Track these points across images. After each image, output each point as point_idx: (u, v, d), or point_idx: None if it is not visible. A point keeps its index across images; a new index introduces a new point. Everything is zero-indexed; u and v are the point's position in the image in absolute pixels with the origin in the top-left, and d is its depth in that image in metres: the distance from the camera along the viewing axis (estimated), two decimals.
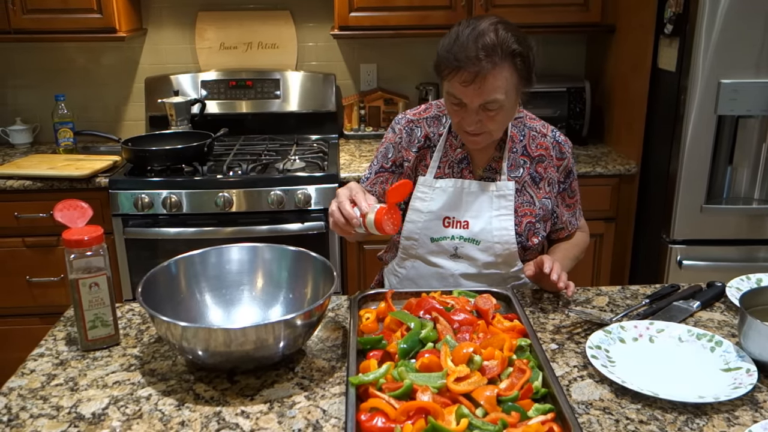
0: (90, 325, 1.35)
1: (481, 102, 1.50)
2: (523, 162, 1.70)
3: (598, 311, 1.52)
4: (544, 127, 1.74)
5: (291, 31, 3.22)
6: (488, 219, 1.66)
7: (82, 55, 3.20)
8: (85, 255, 1.31)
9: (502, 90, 1.49)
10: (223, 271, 1.46)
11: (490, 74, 1.47)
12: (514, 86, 1.52)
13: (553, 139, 1.72)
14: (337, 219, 1.42)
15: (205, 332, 1.20)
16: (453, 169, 1.70)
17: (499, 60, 1.47)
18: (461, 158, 1.70)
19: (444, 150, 1.71)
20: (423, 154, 1.72)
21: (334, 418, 1.14)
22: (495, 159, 1.70)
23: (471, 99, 1.51)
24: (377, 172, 1.78)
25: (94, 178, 2.62)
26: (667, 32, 2.52)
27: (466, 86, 1.49)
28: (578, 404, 1.18)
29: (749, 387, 1.18)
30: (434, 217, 1.68)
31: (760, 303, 1.37)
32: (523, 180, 1.69)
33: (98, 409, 1.17)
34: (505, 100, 1.51)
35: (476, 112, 1.53)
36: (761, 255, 2.59)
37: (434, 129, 1.72)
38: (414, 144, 1.73)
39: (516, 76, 1.51)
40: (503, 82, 1.49)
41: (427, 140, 1.72)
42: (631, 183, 2.79)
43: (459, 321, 1.33)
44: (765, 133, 2.49)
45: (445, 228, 1.68)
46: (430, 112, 1.75)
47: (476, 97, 1.50)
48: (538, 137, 1.72)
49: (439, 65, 1.54)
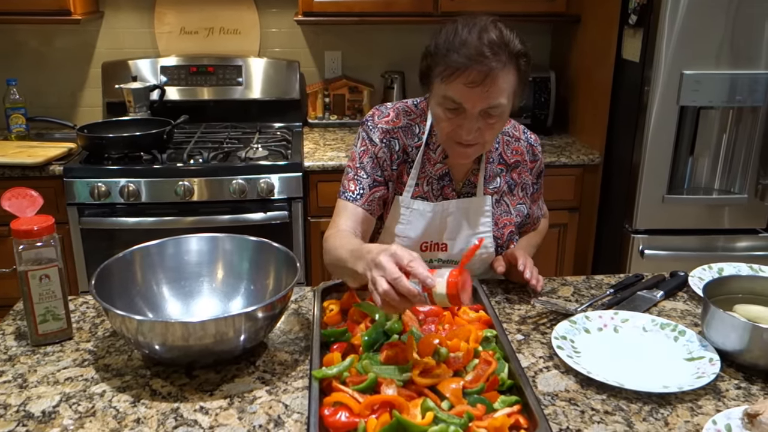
0: (40, 319, 1.29)
1: (485, 106, 1.36)
2: (500, 171, 1.62)
3: (563, 301, 1.52)
4: (515, 129, 1.67)
5: (254, 16, 3.15)
6: (466, 238, 1.59)
7: (35, 38, 3.08)
8: (35, 246, 1.26)
9: (506, 93, 1.38)
10: (181, 262, 1.42)
11: (500, 75, 1.34)
12: (515, 90, 1.40)
13: (526, 143, 1.66)
14: (393, 299, 1.07)
15: (161, 326, 1.15)
16: (432, 186, 1.58)
17: (506, 59, 1.35)
18: (442, 174, 1.58)
19: (422, 165, 1.57)
20: (400, 171, 1.58)
21: (296, 413, 1.11)
22: (473, 172, 1.60)
23: (474, 103, 1.36)
24: (372, 186, 1.55)
25: (48, 165, 2.54)
26: (631, 23, 2.53)
27: (472, 88, 1.34)
28: (544, 395, 1.17)
29: (712, 376, 1.18)
30: (411, 242, 1.57)
31: (723, 292, 1.37)
32: (501, 190, 1.63)
33: (49, 407, 1.12)
34: (507, 105, 1.40)
35: (476, 119, 1.38)
36: (720, 244, 2.63)
37: (410, 141, 1.57)
38: (394, 160, 1.56)
39: (518, 79, 1.39)
40: (508, 84, 1.37)
41: (405, 154, 1.57)
42: (595, 173, 2.81)
43: (425, 312, 1.31)
44: (725, 124, 2.53)
45: (422, 252, 1.59)
46: (401, 122, 1.58)
47: (480, 100, 1.36)
48: (512, 142, 1.64)
49: (435, 67, 1.40)
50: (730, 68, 2.39)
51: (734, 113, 2.50)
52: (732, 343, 1.23)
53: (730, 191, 2.58)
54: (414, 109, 1.61)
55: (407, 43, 3.23)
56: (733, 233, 2.63)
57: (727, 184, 2.59)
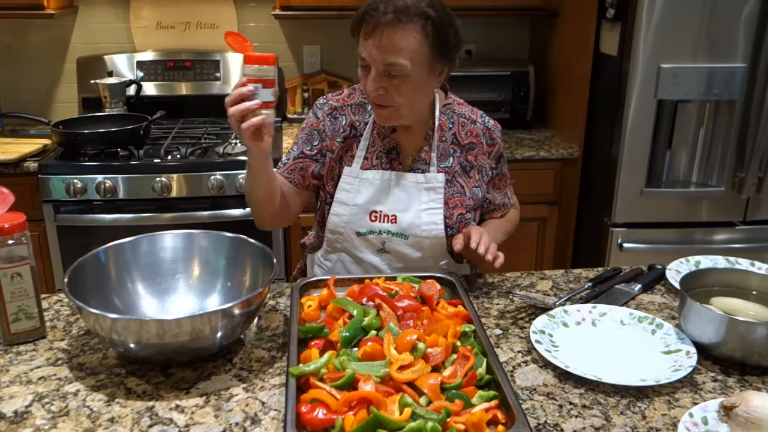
0: (12, 318, 1.27)
1: (384, 62, 1.43)
2: (453, 151, 1.64)
3: (542, 295, 1.52)
4: (473, 112, 1.69)
5: (231, 10, 3.12)
6: (417, 213, 1.60)
7: (8, 33, 3.03)
8: (6, 244, 1.23)
9: (406, 54, 1.43)
10: (156, 259, 1.40)
11: (395, 31, 1.41)
12: (424, 56, 1.45)
13: (483, 126, 1.67)
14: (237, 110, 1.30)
15: (136, 324, 1.14)
16: (381, 159, 1.62)
17: (405, 19, 1.41)
18: (390, 148, 1.62)
19: (371, 139, 1.63)
20: (348, 144, 1.63)
21: (273, 410, 1.10)
22: (424, 149, 1.63)
23: (374, 57, 1.44)
24: (296, 157, 1.66)
25: (23, 162, 2.50)
26: (609, 17, 2.54)
27: (366, 39, 1.44)
28: (522, 390, 1.17)
29: (689, 369, 1.19)
30: (360, 210, 1.60)
31: (699, 285, 1.38)
32: (453, 170, 1.63)
33: (21, 407, 1.10)
34: (411, 68, 1.44)
35: (380, 77, 1.46)
36: (698, 237, 2.65)
37: (359, 117, 1.64)
38: (339, 133, 1.64)
39: (426, 45, 1.44)
40: (408, 44, 1.42)
41: (353, 129, 1.64)
42: (574, 167, 2.81)
43: (403, 308, 1.30)
44: (702, 118, 2.54)
45: (372, 222, 1.60)
46: (354, 98, 1.66)
47: (377, 55, 1.43)
48: (468, 124, 1.66)
49: (356, 22, 1.48)
50: (707, 62, 2.41)
51: (711, 107, 2.52)
52: (709, 336, 1.24)
53: (707, 184, 2.60)
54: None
55: None
56: (711, 226, 2.65)
57: (704, 177, 2.61)
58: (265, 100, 1.31)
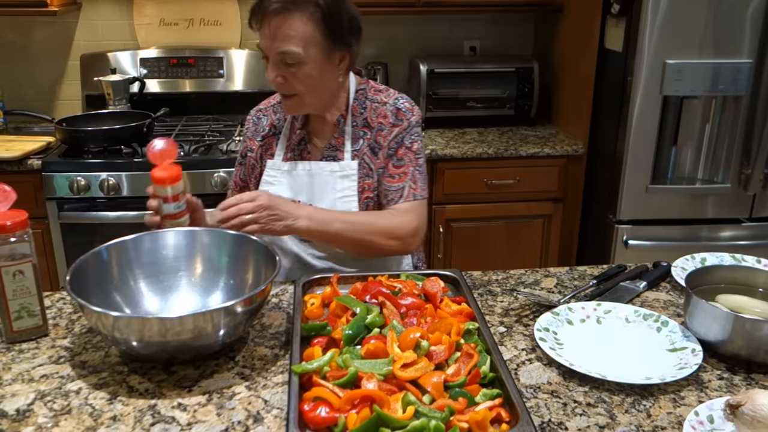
0: (15, 316, 1.27)
1: (277, 51, 1.47)
2: (363, 133, 1.64)
3: (546, 293, 1.51)
4: (388, 96, 1.67)
5: (234, 7, 3.12)
6: (332, 201, 1.61)
7: (12, 30, 3.03)
8: (8, 241, 1.23)
9: (297, 41, 1.46)
10: (158, 257, 1.39)
11: (284, 19, 1.45)
12: (317, 42, 1.48)
13: (393, 107, 1.64)
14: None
15: (138, 322, 1.13)
16: (294, 151, 1.67)
17: (293, 7, 1.45)
18: (300, 140, 1.67)
19: (288, 134, 1.69)
20: (268, 143, 1.71)
21: (276, 408, 1.10)
22: (335, 136, 1.65)
23: (268, 47, 1.49)
24: (238, 164, 1.79)
25: (26, 159, 2.50)
26: (614, 12, 2.52)
27: (260, 30, 1.48)
28: (526, 388, 1.16)
29: (694, 367, 1.17)
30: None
31: (705, 282, 1.37)
32: (362, 152, 1.63)
33: (23, 405, 1.10)
34: (305, 55, 1.47)
35: (277, 66, 1.50)
36: (704, 234, 2.64)
37: (280, 115, 1.71)
38: (259, 133, 1.72)
39: (318, 31, 1.47)
40: (298, 32, 1.46)
41: (273, 128, 1.71)
42: (579, 163, 2.80)
43: (406, 305, 1.30)
44: (708, 114, 2.53)
45: None
46: (278, 97, 1.71)
47: (271, 44, 1.47)
48: (379, 107, 1.64)
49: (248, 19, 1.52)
50: (713, 57, 2.39)
51: (717, 102, 2.50)
52: (714, 334, 1.23)
53: (713, 181, 2.59)
54: None
55: (390, 34, 3.21)
56: (717, 223, 2.63)
57: (710, 173, 2.60)
58: (167, 212, 1.45)
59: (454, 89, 2.96)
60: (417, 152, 1.64)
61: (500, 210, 2.80)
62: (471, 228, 2.81)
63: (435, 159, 2.67)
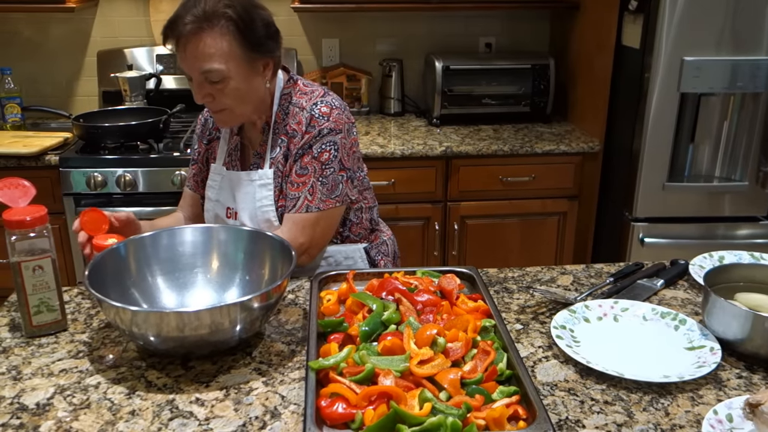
0: (34, 311, 1.28)
1: (200, 71, 1.45)
2: (281, 141, 1.60)
3: (562, 290, 1.50)
4: (309, 100, 1.58)
5: None
6: (253, 211, 1.61)
7: (30, 27, 3.06)
8: (28, 236, 1.24)
9: (218, 58, 1.44)
10: (176, 253, 1.40)
11: (200, 38, 1.42)
12: (237, 55, 1.46)
13: (308, 113, 1.56)
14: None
15: (156, 317, 1.14)
16: (231, 157, 1.66)
17: (207, 25, 1.42)
18: (235, 146, 1.66)
19: (228, 138, 1.68)
20: (213, 146, 1.71)
21: (293, 404, 1.10)
22: (261, 144, 1.63)
23: (190, 68, 1.47)
24: (191, 165, 1.78)
25: (44, 155, 2.52)
26: (631, 9, 2.51)
27: (178, 52, 1.46)
28: (543, 386, 1.16)
29: (713, 366, 1.17)
30: (219, 206, 1.66)
31: (724, 281, 1.36)
32: (277, 159, 1.60)
33: (43, 399, 1.11)
34: (228, 70, 1.45)
35: (202, 85, 1.48)
36: (721, 232, 2.62)
37: None
38: (205, 136, 1.73)
39: (236, 44, 1.45)
40: (216, 49, 1.44)
41: (218, 131, 1.71)
42: (595, 161, 2.79)
43: (422, 302, 1.30)
44: (726, 111, 2.51)
45: (228, 218, 1.65)
46: None
47: (192, 65, 1.46)
48: (298, 112, 1.58)
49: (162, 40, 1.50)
50: (731, 54, 2.37)
51: (735, 100, 2.48)
52: (733, 332, 1.22)
53: (731, 179, 2.57)
54: None
55: (405, 30, 3.20)
56: (734, 221, 2.61)
57: (728, 171, 2.57)
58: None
59: (469, 86, 2.95)
60: (325, 163, 1.54)
61: (515, 207, 2.79)
62: (486, 225, 2.81)
63: (450, 156, 2.67)
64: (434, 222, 2.76)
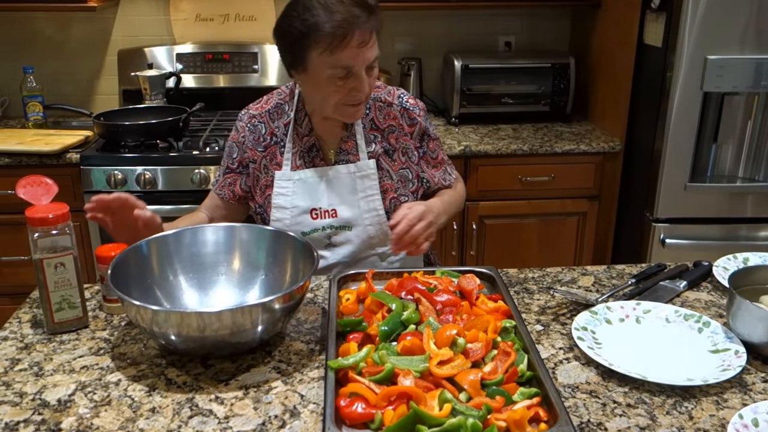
0: (56, 308, 1.29)
1: (370, 61, 1.46)
2: (374, 136, 1.64)
3: (583, 291, 1.49)
4: (390, 95, 1.67)
5: (269, 2, 3.13)
6: (355, 202, 1.61)
7: (52, 26, 3.08)
8: (50, 234, 1.25)
9: (375, 45, 1.48)
10: (198, 252, 1.40)
11: (370, 31, 1.45)
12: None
13: (400, 107, 1.66)
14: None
15: (177, 316, 1.14)
16: (304, 159, 1.63)
17: (371, 11, 1.44)
18: (310, 146, 1.64)
19: (293, 141, 1.64)
20: (272, 152, 1.65)
21: (312, 403, 1.10)
22: (344, 140, 1.64)
23: (362, 61, 1.45)
24: (224, 173, 1.70)
25: (65, 153, 2.54)
26: (653, 7, 2.48)
27: (362, 47, 1.43)
28: (564, 387, 1.14)
29: (738, 369, 1.15)
30: (301, 211, 1.62)
31: (749, 283, 1.34)
32: (377, 154, 1.63)
33: (64, 396, 1.12)
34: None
35: (365, 76, 1.48)
36: (743, 233, 2.59)
37: (278, 122, 1.65)
38: (259, 143, 1.65)
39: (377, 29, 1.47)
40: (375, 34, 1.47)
41: (273, 136, 1.65)
42: (615, 160, 2.76)
43: (442, 302, 1.29)
44: (750, 110, 2.47)
45: (314, 220, 1.62)
46: (272, 102, 1.68)
47: (368, 58, 1.46)
48: (384, 107, 1.66)
49: (313, 45, 1.43)
50: (756, 53, 2.34)
51: (760, 99, 2.44)
52: (759, 335, 1.20)
53: (754, 179, 2.53)
54: (285, 90, 1.70)
55: (425, 29, 3.19)
56: (757, 222, 2.57)
57: (751, 171, 2.54)
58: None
59: (488, 85, 2.93)
60: (436, 137, 1.74)
61: (534, 207, 2.77)
62: (504, 225, 2.79)
63: (469, 155, 2.66)
64: (452, 221, 2.75)
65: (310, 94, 1.58)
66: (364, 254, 1.66)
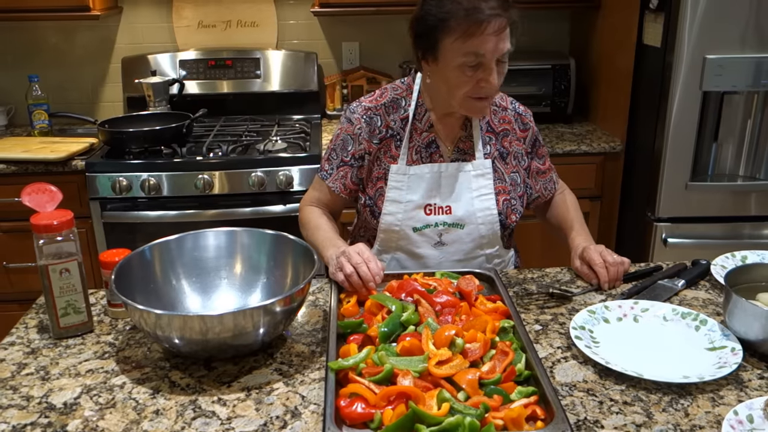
0: (62, 313, 1.31)
1: (503, 51, 1.45)
2: (489, 139, 1.66)
3: (582, 291, 1.50)
4: (503, 99, 1.71)
5: (271, 8, 3.16)
6: (469, 200, 1.62)
7: (56, 35, 3.12)
8: (55, 240, 1.27)
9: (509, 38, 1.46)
10: (200, 256, 1.42)
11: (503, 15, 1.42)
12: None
13: (514, 112, 1.70)
14: (355, 281, 1.39)
15: (180, 320, 1.16)
16: (421, 154, 1.63)
17: (509, 4, 1.43)
18: (428, 142, 1.64)
19: (410, 135, 1.63)
20: (387, 144, 1.64)
21: (313, 404, 1.12)
22: (462, 139, 1.65)
23: (494, 51, 1.43)
24: (338, 166, 1.67)
25: (71, 161, 2.57)
26: (652, 7, 2.49)
27: (497, 36, 1.41)
28: (562, 386, 1.16)
29: (734, 366, 1.16)
30: (415, 206, 1.62)
31: (746, 281, 1.35)
32: (492, 156, 1.65)
33: (70, 399, 1.14)
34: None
35: (495, 68, 1.46)
36: (746, 232, 2.59)
37: (394, 116, 1.64)
38: (375, 135, 1.64)
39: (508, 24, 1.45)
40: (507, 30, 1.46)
41: (389, 129, 1.64)
42: (617, 161, 2.77)
43: (441, 303, 1.31)
44: (750, 109, 2.48)
45: (427, 216, 1.62)
46: (387, 96, 1.66)
47: (500, 48, 1.44)
48: (499, 111, 1.68)
49: (449, 32, 1.43)
50: (755, 52, 2.34)
51: (759, 98, 2.45)
52: (755, 333, 1.21)
53: (755, 178, 2.54)
54: (400, 85, 1.69)
55: None
56: (759, 220, 2.58)
57: (752, 170, 2.54)
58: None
59: None
60: (543, 144, 1.77)
61: None
62: None
63: None
64: None
65: (437, 86, 1.56)
66: (473, 254, 1.66)
